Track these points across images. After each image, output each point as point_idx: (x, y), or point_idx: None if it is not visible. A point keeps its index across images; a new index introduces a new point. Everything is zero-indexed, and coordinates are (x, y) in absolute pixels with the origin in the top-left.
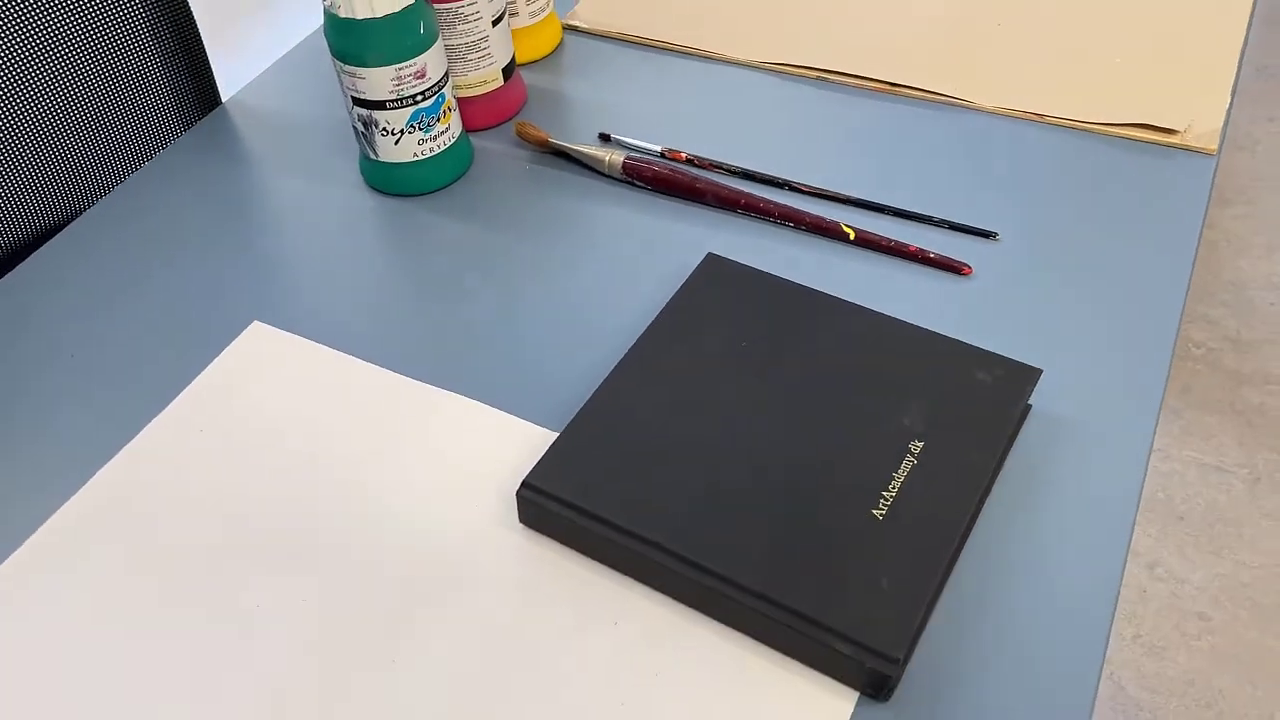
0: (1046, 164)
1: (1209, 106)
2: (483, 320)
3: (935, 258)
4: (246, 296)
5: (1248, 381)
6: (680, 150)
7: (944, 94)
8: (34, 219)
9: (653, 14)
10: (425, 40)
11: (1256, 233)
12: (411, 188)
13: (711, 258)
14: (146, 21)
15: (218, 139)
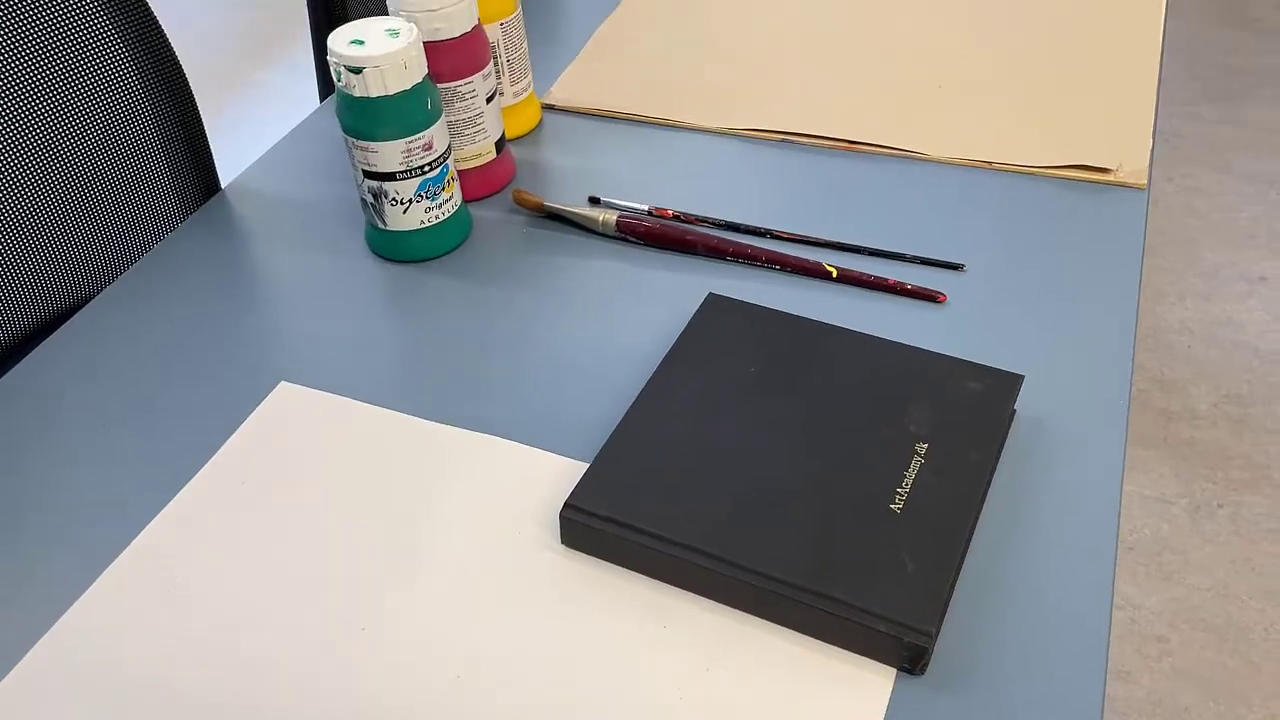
0: (999, 204)
1: (1135, 148)
2: (501, 369)
3: (913, 289)
4: (270, 361)
5: (1177, 418)
6: (666, 208)
7: (900, 148)
8: (40, 306)
9: (622, 90)
10: (432, 115)
11: (1168, 283)
12: (419, 254)
13: (713, 296)
14: (151, 111)
15: (222, 222)
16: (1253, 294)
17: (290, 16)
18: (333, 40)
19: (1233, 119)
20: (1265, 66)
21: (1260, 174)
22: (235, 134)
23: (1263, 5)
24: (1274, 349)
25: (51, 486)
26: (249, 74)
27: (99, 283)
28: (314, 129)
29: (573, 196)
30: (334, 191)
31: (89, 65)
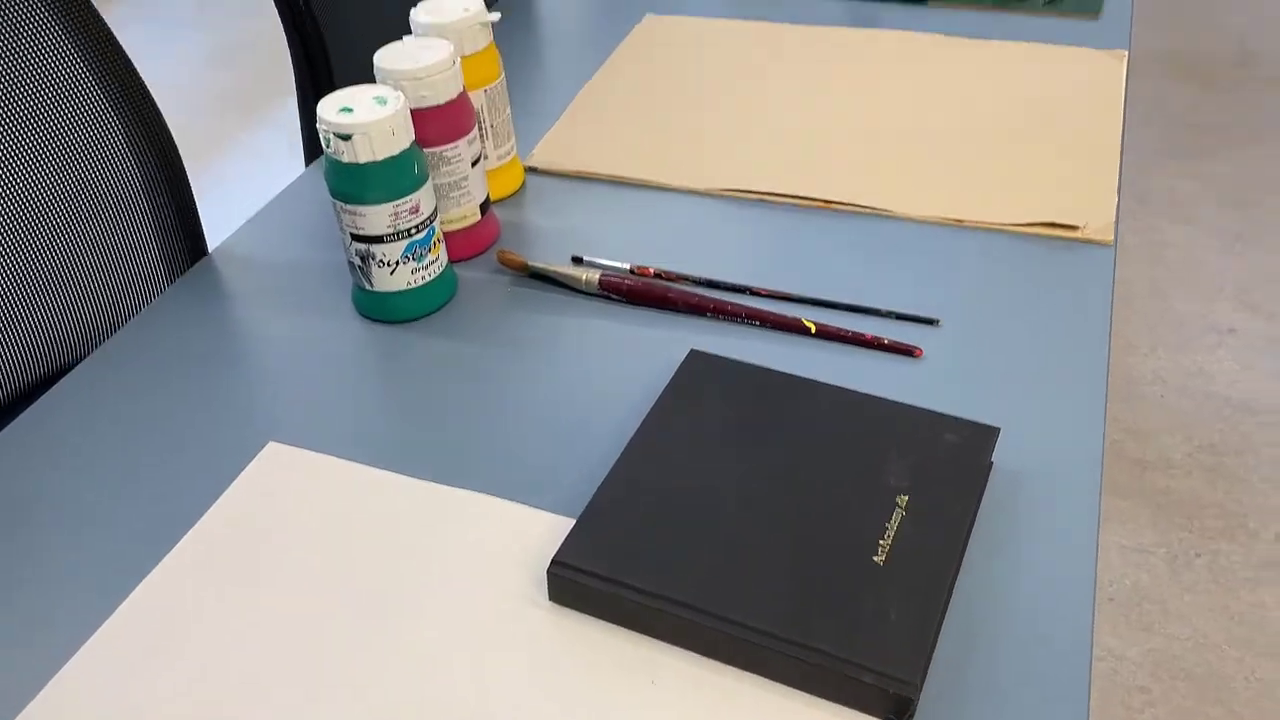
0: (971, 261)
1: (1100, 206)
2: (487, 426)
3: (889, 344)
4: (258, 422)
5: (1152, 468)
6: (648, 267)
7: (874, 207)
8: (28, 370)
9: (602, 152)
10: (419, 179)
11: (1139, 334)
12: (405, 314)
13: (695, 353)
14: (139, 175)
15: (209, 285)
16: (1222, 344)
17: (274, 77)
18: (322, 108)
19: (1197, 174)
20: (1226, 124)
21: (1225, 227)
22: (221, 194)
23: (1222, 65)
24: (1244, 398)
25: (37, 550)
26: (234, 134)
27: (86, 347)
28: (300, 193)
29: (556, 256)
30: (321, 254)
31: (76, 128)
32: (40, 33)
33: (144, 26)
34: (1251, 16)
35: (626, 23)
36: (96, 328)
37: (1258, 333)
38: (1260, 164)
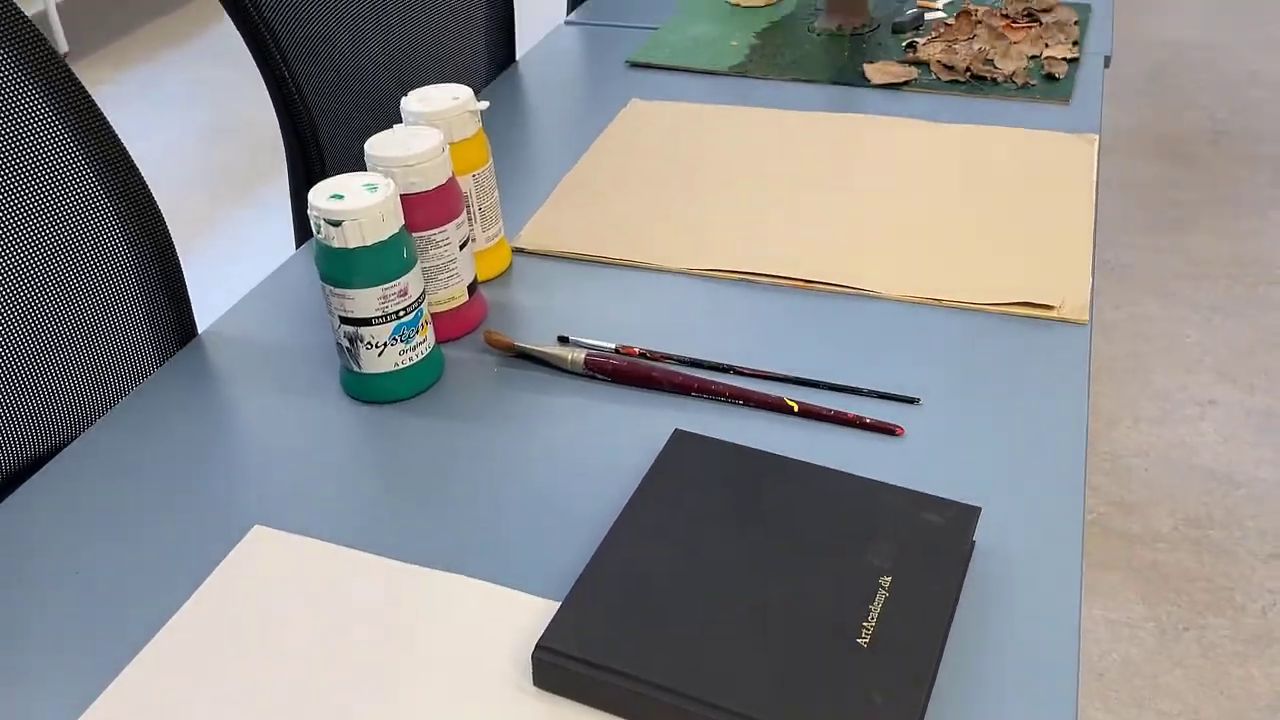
0: (950, 340)
1: (1075, 285)
2: (472, 507)
3: (871, 422)
4: (244, 505)
5: (1139, 541)
6: (633, 346)
7: (854, 286)
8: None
9: (588, 233)
10: (408, 263)
11: (1121, 408)
12: (392, 395)
13: (679, 433)
14: (131, 257)
15: (198, 367)
16: (1204, 417)
17: (265, 156)
18: (313, 195)
19: (1174, 248)
20: (1201, 199)
21: (1203, 301)
22: (212, 273)
23: (1196, 141)
24: (1228, 470)
25: (20, 636)
26: (227, 213)
27: (74, 430)
28: (290, 275)
29: (542, 336)
30: (309, 336)
31: (67, 209)
32: (30, 113)
33: (139, 106)
34: (1221, 96)
35: (612, 108)
36: (85, 410)
37: (1237, 405)
38: (1234, 239)
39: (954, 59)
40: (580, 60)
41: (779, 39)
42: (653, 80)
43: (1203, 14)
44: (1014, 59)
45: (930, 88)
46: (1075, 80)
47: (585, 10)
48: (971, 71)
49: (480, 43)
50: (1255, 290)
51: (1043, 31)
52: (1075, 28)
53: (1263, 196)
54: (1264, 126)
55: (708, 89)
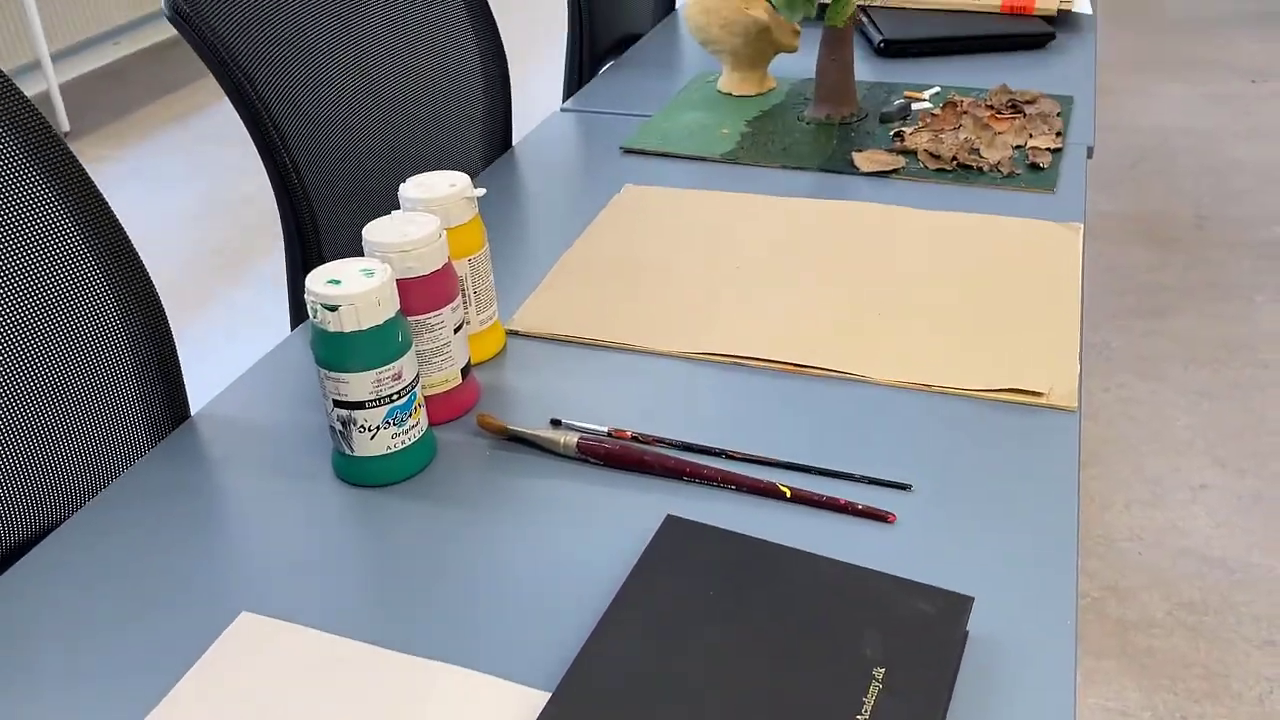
0: (941, 425)
1: (1063, 372)
2: (463, 594)
3: (863, 509)
4: (232, 591)
5: (1133, 627)
6: (625, 429)
7: (844, 371)
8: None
9: (582, 317)
10: (402, 347)
11: (1113, 490)
12: (384, 478)
13: (671, 519)
14: (127, 340)
15: (190, 449)
16: (1196, 500)
17: (263, 233)
18: (311, 280)
19: (1161, 331)
20: (1185, 282)
21: (1191, 384)
22: (206, 351)
23: (1178, 226)
24: (1220, 556)
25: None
26: (221, 290)
27: (64, 511)
28: (285, 356)
29: (535, 418)
30: (303, 417)
31: (62, 290)
32: (30, 192)
33: (138, 183)
34: (1205, 182)
35: (607, 192)
36: (75, 492)
37: (1229, 489)
38: (1220, 324)
39: (940, 148)
40: (575, 146)
41: (769, 127)
42: (646, 166)
43: (1184, 102)
44: (999, 149)
45: (918, 176)
46: (1059, 170)
47: (580, 98)
48: (958, 160)
49: (477, 127)
50: (1242, 374)
51: (1026, 122)
52: (1058, 119)
53: (1247, 282)
54: (1246, 213)
55: (700, 175)
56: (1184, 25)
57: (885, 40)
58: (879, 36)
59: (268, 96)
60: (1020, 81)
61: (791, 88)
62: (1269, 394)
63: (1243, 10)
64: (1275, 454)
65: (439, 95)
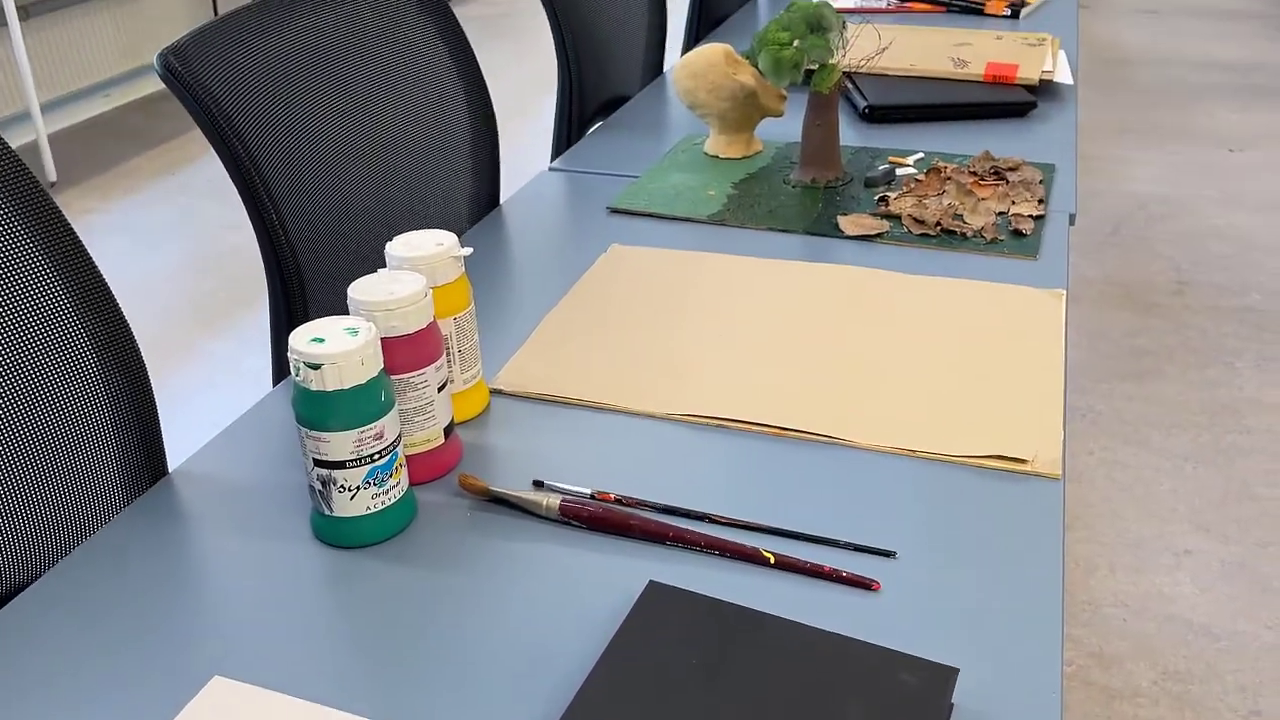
0: (926, 491)
1: (1047, 439)
2: (440, 659)
3: (847, 576)
4: (205, 654)
5: (1118, 696)
6: (608, 492)
7: (829, 435)
8: None
9: (567, 377)
10: (385, 406)
11: (1098, 555)
12: (363, 539)
13: (653, 585)
14: (107, 395)
15: (166, 507)
16: (1180, 566)
17: (248, 286)
18: (294, 338)
19: (1144, 396)
20: (1167, 347)
21: (1173, 449)
22: (187, 404)
23: (1160, 291)
24: (1205, 622)
25: None
26: (204, 343)
27: (38, 568)
28: (265, 413)
29: (518, 479)
30: (281, 476)
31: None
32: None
33: (125, 235)
34: (1184, 249)
35: (593, 252)
36: (50, 549)
37: (1213, 555)
38: (1202, 389)
39: (925, 213)
40: (562, 205)
41: (756, 190)
42: (633, 226)
43: (1164, 170)
44: (982, 215)
45: (902, 240)
46: (1042, 236)
47: (569, 157)
48: (942, 226)
49: (466, 185)
50: (1224, 439)
51: (1009, 189)
52: (1040, 186)
53: (1228, 347)
54: (1226, 279)
55: (686, 236)
56: (1163, 96)
57: (870, 106)
58: (864, 102)
59: (257, 154)
60: (1003, 149)
61: (778, 151)
62: (1251, 460)
63: (1218, 82)
64: (1257, 521)
65: (428, 153)
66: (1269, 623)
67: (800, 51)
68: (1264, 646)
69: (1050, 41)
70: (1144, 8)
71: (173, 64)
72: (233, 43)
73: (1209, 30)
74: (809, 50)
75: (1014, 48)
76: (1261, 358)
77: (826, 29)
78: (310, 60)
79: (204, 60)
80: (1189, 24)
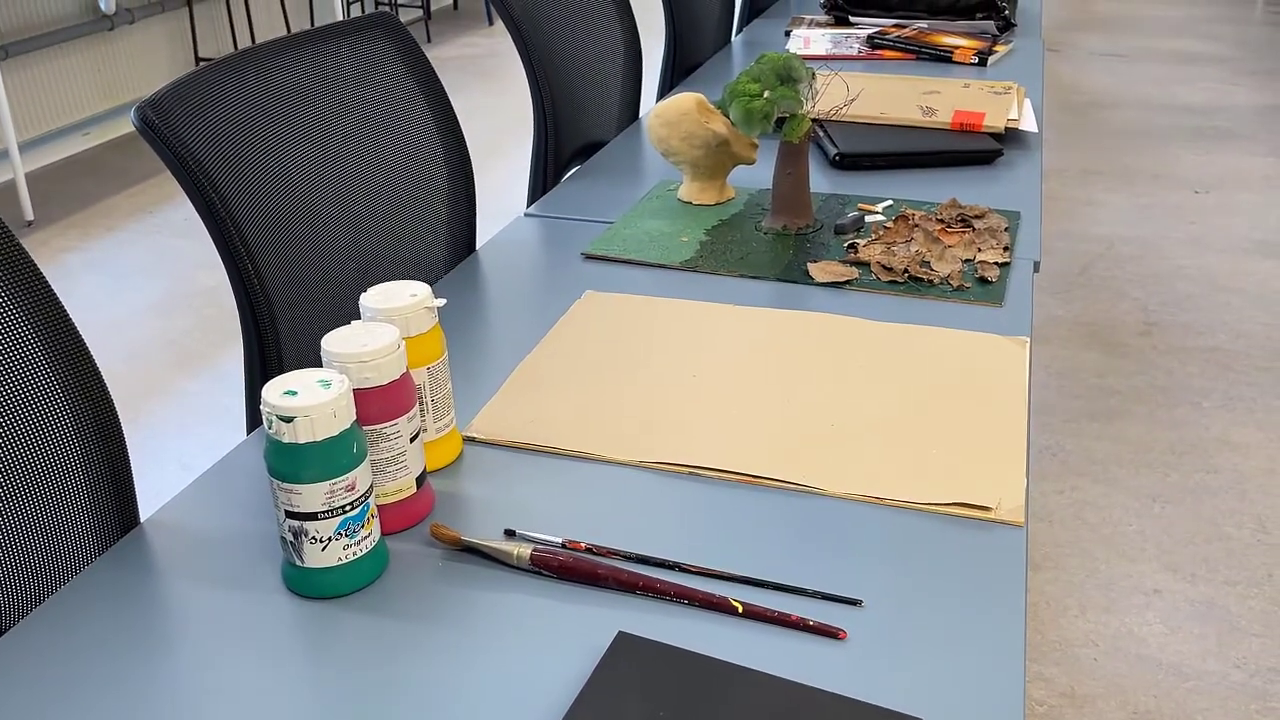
0: (891, 539)
1: (1011, 486)
2: (411, 708)
3: (814, 625)
4: (174, 708)
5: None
6: (579, 540)
7: (797, 483)
8: None
9: (540, 424)
10: (357, 458)
11: (1068, 594)
12: (334, 590)
13: (622, 636)
14: (78, 446)
15: (137, 557)
16: (1149, 606)
17: (222, 327)
18: (267, 391)
19: (1111, 435)
20: (1135, 387)
21: (1142, 488)
22: (159, 445)
23: (1127, 331)
24: (1175, 662)
25: None
26: (177, 384)
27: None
28: (237, 462)
29: (490, 527)
30: (254, 526)
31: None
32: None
33: (100, 275)
34: (1151, 289)
35: (567, 298)
36: (19, 601)
37: (1181, 595)
38: (1169, 429)
39: (893, 260)
40: (538, 251)
41: (728, 236)
42: (607, 272)
43: (1131, 211)
44: (949, 262)
45: (870, 287)
46: (1007, 284)
47: (544, 203)
48: (909, 273)
49: (442, 232)
50: (1192, 478)
51: (975, 237)
52: (1005, 234)
53: (1194, 386)
54: (1192, 319)
55: (660, 282)
56: (1130, 139)
57: (840, 154)
58: (834, 150)
59: (234, 206)
60: (970, 196)
61: (750, 198)
62: (1219, 499)
63: (1182, 125)
64: (1225, 560)
65: (403, 200)
66: (1237, 662)
67: (770, 102)
68: (1232, 686)
69: (1016, 90)
70: (1110, 51)
71: (150, 117)
72: (209, 93)
73: (1174, 75)
74: (779, 101)
75: (981, 96)
76: (1228, 397)
77: (796, 80)
78: (287, 109)
79: (180, 112)
80: (1154, 68)
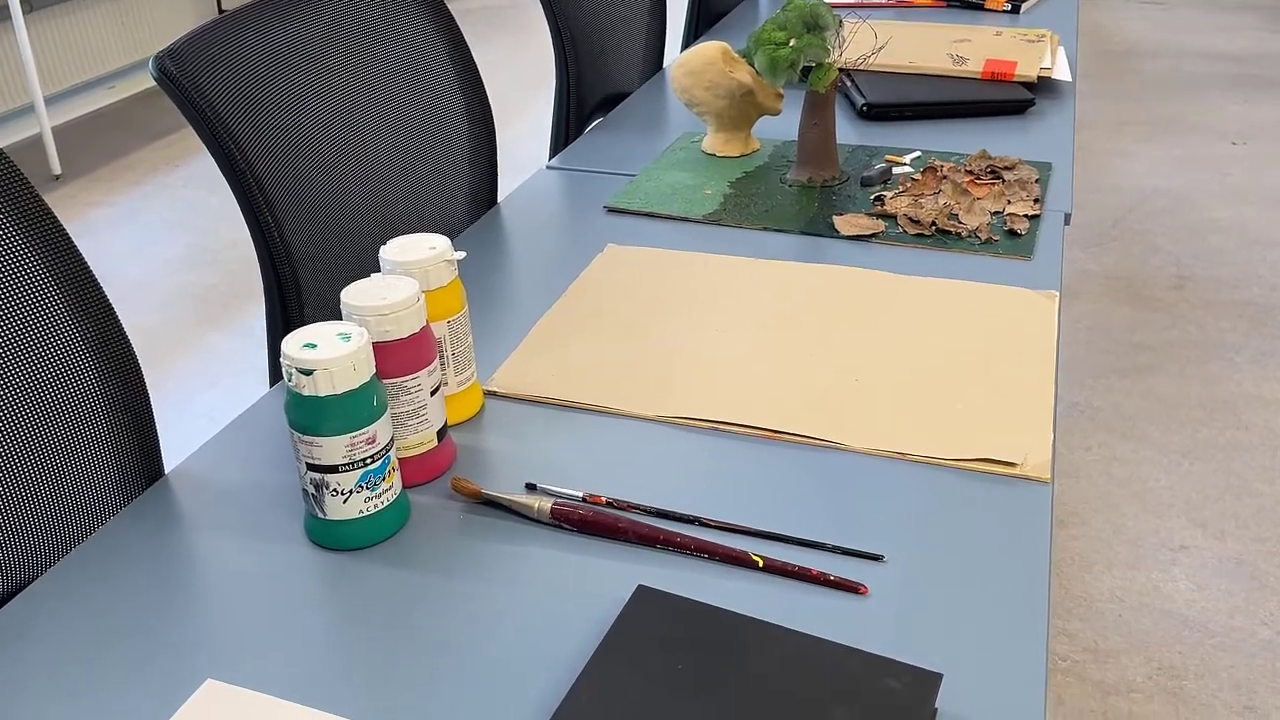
0: (915, 494)
1: (1037, 443)
2: (431, 661)
3: (835, 580)
4: (199, 657)
5: (1113, 691)
6: (600, 494)
7: (821, 438)
8: None
9: (561, 379)
10: (378, 411)
11: (1094, 550)
12: (356, 542)
13: (642, 589)
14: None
15: (162, 509)
16: (1176, 563)
17: (248, 279)
18: (287, 344)
19: (1142, 391)
20: (1166, 342)
21: (1171, 444)
22: (184, 398)
23: (1159, 286)
24: (1200, 618)
25: None
26: (203, 337)
27: (33, 572)
28: (259, 415)
29: (510, 481)
30: (277, 478)
31: (37, 346)
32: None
33: (128, 229)
34: (1184, 243)
35: (589, 252)
36: (45, 553)
37: (1209, 551)
38: (1200, 384)
39: (920, 213)
40: (560, 204)
41: (752, 189)
42: (629, 225)
43: (1165, 163)
44: (977, 214)
45: (897, 240)
46: (1036, 237)
47: (566, 156)
48: (937, 226)
49: (463, 185)
50: (1222, 435)
51: (1005, 188)
52: (1036, 185)
53: (1227, 342)
54: (1226, 273)
55: (682, 235)
56: (1165, 88)
57: (868, 104)
58: (861, 100)
59: (252, 157)
60: (1000, 147)
61: (775, 149)
62: (1249, 456)
63: (1220, 74)
64: (1255, 517)
65: (425, 153)
66: (1264, 619)
67: (796, 51)
68: (1259, 643)
69: (1049, 38)
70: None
71: (168, 67)
72: (229, 44)
73: (1211, 22)
74: (805, 49)
75: (1013, 44)
76: (1261, 353)
77: (823, 28)
78: (307, 61)
79: (199, 63)
80: (1191, 15)
